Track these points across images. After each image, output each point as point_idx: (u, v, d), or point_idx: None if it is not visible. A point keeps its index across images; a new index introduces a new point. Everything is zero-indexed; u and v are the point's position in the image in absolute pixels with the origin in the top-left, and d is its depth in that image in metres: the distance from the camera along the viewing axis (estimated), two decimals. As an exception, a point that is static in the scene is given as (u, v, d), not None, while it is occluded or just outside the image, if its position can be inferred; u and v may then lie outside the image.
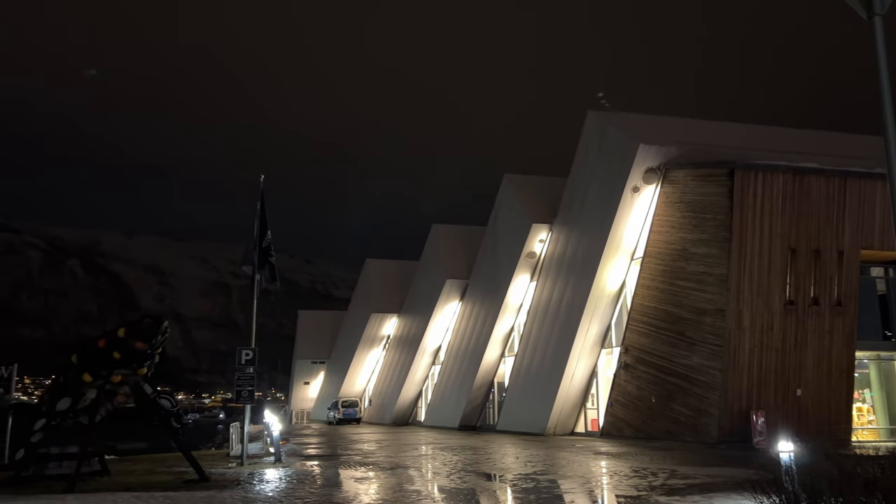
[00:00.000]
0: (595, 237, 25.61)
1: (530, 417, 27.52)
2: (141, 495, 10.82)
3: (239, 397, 17.69)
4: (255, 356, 17.74)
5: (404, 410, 43.48)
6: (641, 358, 23.01)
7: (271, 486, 12.29)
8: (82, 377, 12.96)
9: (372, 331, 50.99)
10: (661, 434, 21.37)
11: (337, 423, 46.04)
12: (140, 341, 12.86)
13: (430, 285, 41.66)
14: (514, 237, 32.14)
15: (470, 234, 39.97)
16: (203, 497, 10.68)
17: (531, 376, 28.69)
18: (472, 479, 12.97)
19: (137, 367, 13.04)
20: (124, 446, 24.10)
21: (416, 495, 11.15)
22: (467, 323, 37.00)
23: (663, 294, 22.54)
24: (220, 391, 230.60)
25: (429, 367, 42.21)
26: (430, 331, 40.82)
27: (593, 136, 27.61)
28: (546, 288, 29.55)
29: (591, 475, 13.54)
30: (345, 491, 11.89)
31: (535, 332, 29.47)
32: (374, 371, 52.64)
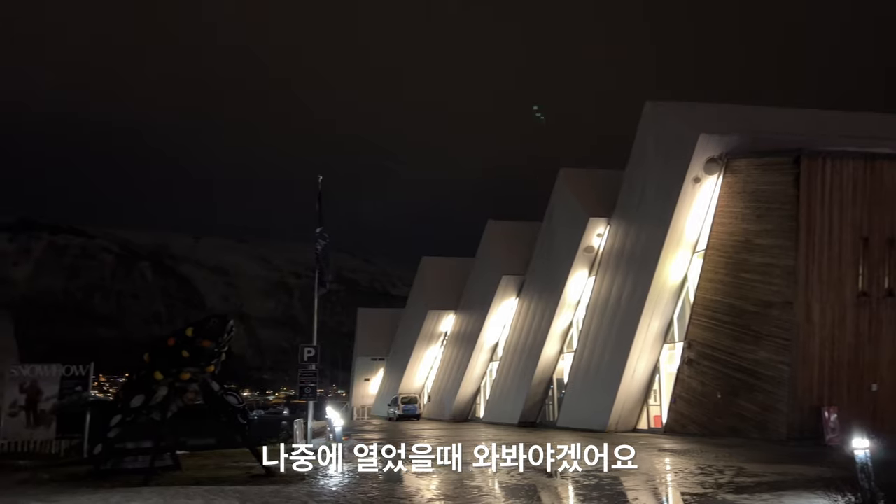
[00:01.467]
0: (655, 230, 25.11)
1: (591, 414, 27.21)
2: (212, 489, 11.19)
3: (302, 394, 18.11)
4: (317, 354, 18.12)
5: (463, 407, 43.60)
6: (705, 353, 22.46)
7: (335, 481, 12.54)
8: (154, 375, 13.49)
9: (429, 328, 51.32)
10: (726, 431, 20.82)
11: (397, 419, 46.54)
12: (206, 340, 13.32)
13: (486, 282, 41.64)
14: (570, 232, 31.81)
15: (525, 229, 39.73)
16: (270, 491, 10.98)
17: (591, 372, 28.36)
18: (533, 476, 12.93)
19: (205, 364, 13.50)
20: (194, 442, 24.94)
21: (477, 491, 11.20)
22: (524, 319, 36.83)
23: (727, 287, 21.94)
24: (283, 388, 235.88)
25: (486, 363, 42.21)
26: (487, 327, 40.81)
27: (651, 126, 27.07)
28: (605, 283, 29.15)
29: (654, 472, 13.31)
30: (406, 486, 12.04)
31: (594, 328, 29.11)
32: (432, 367, 52.98)
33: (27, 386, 18.75)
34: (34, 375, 19.00)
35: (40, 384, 18.77)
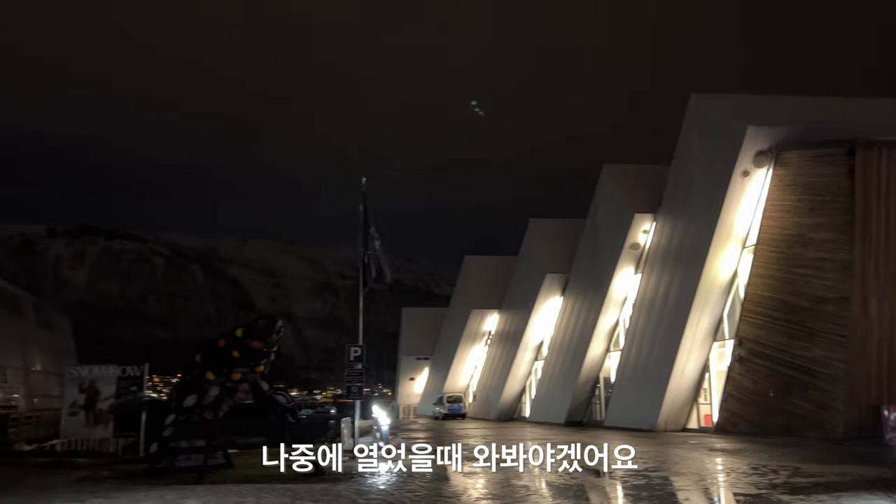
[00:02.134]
0: (703, 225, 24.63)
1: (639, 413, 26.84)
2: (263, 487, 11.41)
3: (349, 393, 18.30)
4: (363, 353, 18.29)
5: (509, 406, 43.48)
6: (757, 350, 21.93)
7: (382, 480, 12.65)
8: (206, 375, 13.80)
9: (473, 327, 51.34)
10: (780, 430, 20.28)
11: (442, 418, 46.67)
12: (256, 340, 13.55)
13: (529, 280, 41.44)
14: (615, 229, 31.42)
15: (568, 227, 39.39)
16: (320, 489, 11.13)
17: (639, 371, 27.97)
18: (581, 476, 12.82)
19: (255, 364, 13.74)
20: (244, 440, 25.45)
21: (525, 490, 11.16)
22: (569, 318, 36.53)
23: (779, 283, 21.38)
24: (330, 387, 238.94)
25: (532, 362, 42.01)
26: (532, 326, 40.61)
27: (697, 119, 26.55)
28: (652, 280, 28.71)
29: (706, 472, 13.07)
30: (453, 485, 12.07)
31: (641, 326, 28.70)
32: (476, 367, 52.99)
33: (86, 386, 19.39)
34: (92, 376, 19.63)
35: (98, 384, 19.39)
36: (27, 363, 55.94)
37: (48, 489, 11.75)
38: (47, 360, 61.64)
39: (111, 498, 10.30)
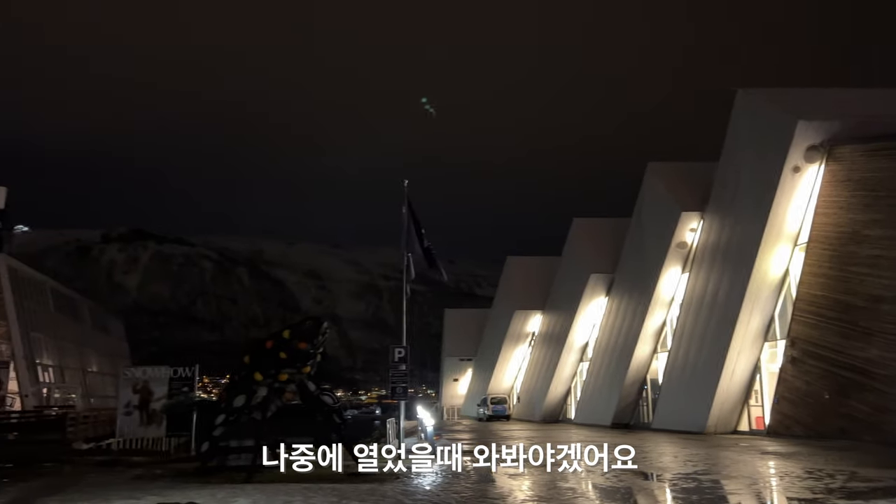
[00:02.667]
0: (752, 223, 24.05)
1: (688, 415, 26.34)
2: (310, 486, 11.56)
3: (394, 394, 18.40)
4: (408, 354, 18.37)
5: (553, 407, 43.15)
6: (810, 351, 21.30)
7: (428, 480, 12.69)
8: (254, 376, 14.05)
9: (516, 328, 51.12)
10: (835, 433, 19.66)
11: (487, 419, 46.57)
12: (302, 342, 13.73)
13: (573, 281, 41.06)
14: (661, 227, 30.91)
15: (613, 226, 38.91)
16: (366, 489, 11.23)
17: (687, 372, 27.45)
18: (629, 478, 12.65)
19: (301, 365, 13.93)
20: (292, 440, 25.82)
21: (571, 493, 11.06)
22: (615, 318, 36.06)
23: (833, 281, 20.74)
24: (374, 388, 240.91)
25: (576, 363, 41.61)
26: (576, 327, 40.23)
27: (745, 115, 25.95)
28: (700, 279, 28.16)
29: (758, 476, 12.74)
30: (499, 487, 12.03)
31: (689, 327, 28.17)
32: (520, 368, 52.73)
33: (140, 387, 19.94)
34: (146, 377, 20.19)
35: (151, 385, 19.93)
36: (84, 364, 58.02)
37: (106, 487, 12.12)
38: (103, 362, 63.86)
39: (165, 496, 10.56)
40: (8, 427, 33.42)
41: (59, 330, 52.54)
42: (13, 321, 43.97)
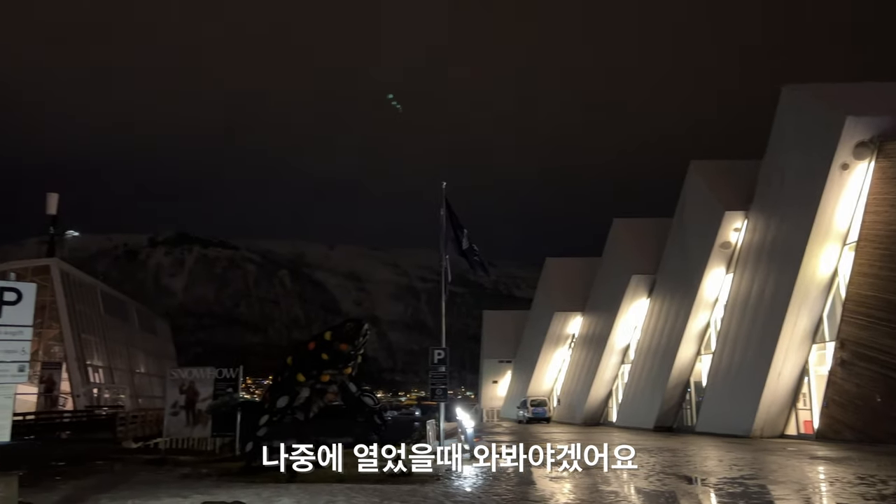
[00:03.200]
0: (799, 222, 23.46)
1: (733, 418, 25.81)
2: (353, 487, 11.68)
3: (433, 395, 18.44)
4: (447, 356, 18.40)
5: (594, 410, 42.72)
6: (861, 353, 20.66)
7: (469, 482, 12.70)
8: (297, 377, 14.26)
9: (556, 329, 50.74)
10: (888, 437, 19.02)
11: (527, 421, 46.34)
12: (343, 343, 13.89)
13: (614, 282, 40.59)
14: (704, 227, 30.37)
15: (654, 226, 38.36)
16: (408, 490, 11.30)
17: (732, 375, 26.91)
18: (673, 482, 12.46)
19: (343, 367, 14.08)
20: (333, 441, 26.08)
21: (614, 497, 10.94)
22: (657, 320, 35.55)
23: (884, 281, 20.08)
24: (414, 389, 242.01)
25: (618, 365, 41.12)
26: (617, 328, 39.75)
27: (790, 111, 25.33)
28: (744, 280, 27.58)
29: (807, 481, 12.42)
30: (540, 489, 11.97)
31: (734, 328, 27.61)
32: (560, 370, 52.33)
33: (186, 387, 20.33)
34: (191, 378, 20.57)
35: (197, 386, 20.30)
36: (132, 365, 59.60)
37: (155, 485, 12.44)
38: (150, 363, 65.50)
39: (212, 494, 10.79)
40: (61, 426, 34.58)
41: (108, 332, 54.07)
42: (65, 323, 45.42)
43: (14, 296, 8.58)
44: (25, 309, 8.67)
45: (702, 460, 16.78)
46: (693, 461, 16.52)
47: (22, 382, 8.93)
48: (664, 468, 14.68)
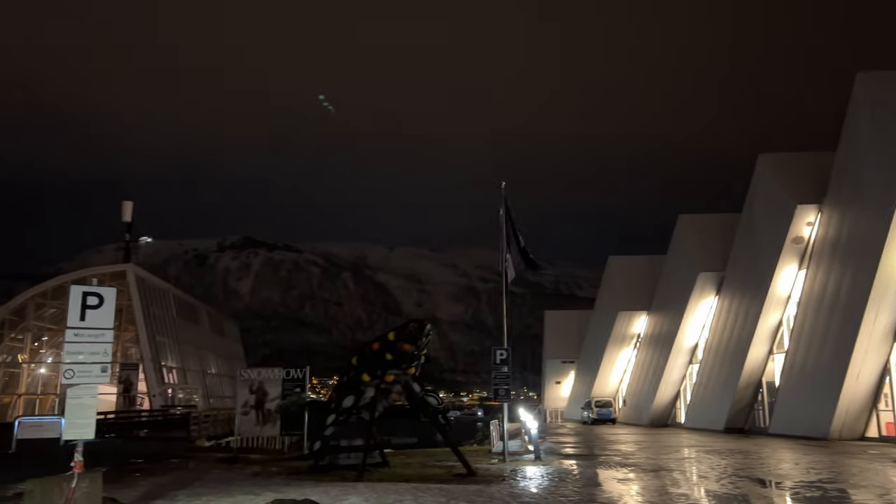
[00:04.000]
0: (877, 215, 22.37)
1: (809, 420, 24.82)
2: (419, 486, 11.76)
3: (497, 395, 18.38)
4: (509, 356, 18.32)
5: (661, 411, 41.78)
6: (949, 352, 19.55)
7: (534, 483, 12.61)
8: (362, 377, 14.45)
9: (620, 329, 49.87)
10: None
11: (591, 423, 45.71)
12: (407, 344, 13.98)
13: (680, 280, 39.62)
14: (775, 222, 29.31)
15: (721, 222, 37.23)
16: (473, 490, 11.30)
17: (807, 374, 25.88)
18: (746, 485, 12.08)
19: (406, 367, 14.18)
20: (398, 441, 26.33)
21: (684, 499, 10.67)
22: (726, 318, 34.51)
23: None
24: (476, 390, 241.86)
25: (686, 365, 40.11)
26: (685, 328, 38.77)
27: (866, 101, 24.18)
28: (819, 276, 26.49)
29: (891, 485, 11.83)
30: (607, 491, 11.78)
31: (808, 326, 26.55)
32: (626, 370, 51.42)
33: (255, 387, 20.92)
34: (260, 378, 21.16)
35: (266, 386, 20.87)
36: (204, 366, 61.62)
37: (228, 482, 12.83)
38: (220, 364, 67.58)
39: (282, 492, 11.04)
40: (139, 425, 36.05)
41: (181, 334, 56.06)
42: (141, 326, 47.33)
43: (96, 300, 9.00)
44: (106, 312, 9.08)
45: (776, 463, 16.20)
46: (767, 464, 15.97)
47: (104, 383, 9.35)
48: (736, 471, 14.24)
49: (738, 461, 16.28)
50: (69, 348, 8.83)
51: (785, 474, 13.89)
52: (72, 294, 8.98)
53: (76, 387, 8.78)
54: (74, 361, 8.78)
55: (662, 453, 19.43)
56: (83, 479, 8.46)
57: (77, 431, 8.65)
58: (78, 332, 8.84)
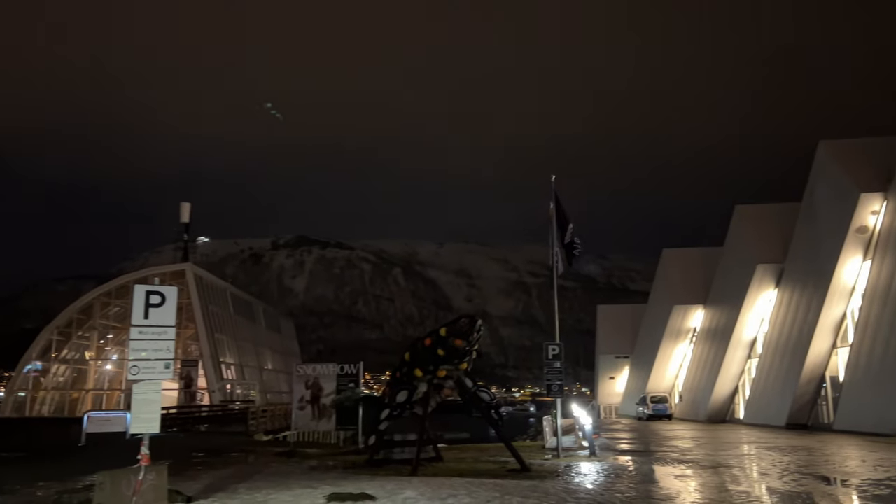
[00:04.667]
0: (948, 202, 21.34)
1: (876, 416, 23.88)
2: (473, 481, 11.78)
3: (549, 391, 18.25)
4: (562, 351, 18.17)
5: (719, 407, 40.83)
6: None
7: (589, 479, 12.50)
8: (414, 372, 14.56)
9: (676, 323, 48.92)
10: None
11: (647, 418, 45.02)
12: (458, 339, 14.00)
13: (738, 272, 38.60)
14: (838, 211, 28.28)
15: (780, 212, 36.10)
16: (528, 486, 11.25)
17: (874, 368, 24.91)
18: (809, 483, 11.71)
19: (458, 362, 14.21)
20: (451, 436, 26.44)
21: (745, 497, 10.42)
22: (787, 311, 33.48)
23: None
24: (527, 385, 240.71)
25: (744, 360, 39.10)
26: (743, 321, 37.78)
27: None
28: (885, 266, 25.45)
29: (967, 486, 11.29)
30: (664, 488, 11.59)
31: (874, 318, 25.53)
32: (681, 365, 50.44)
33: (311, 383, 21.28)
34: (316, 374, 21.51)
35: (321, 381, 21.21)
36: (260, 362, 63.02)
37: (286, 476, 13.11)
38: (276, 360, 69.01)
39: (339, 486, 11.22)
40: (199, 419, 37.16)
41: (238, 331, 57.48)
42: (200, 323, 48.71)
43: (159, 298, 9.30)
44: (169, 310, 9.38)
45: (841, 460, 15.66)
46: (832, 461, 15.45)
47: (167, 379, 9.65)
48: (799, 468, 13.82)
49: (802, 458, 15.80)
50: (134, 345, 9.13)
51: (851, 472, 13.43)
52: (135, 293, 9.29)
53: (141, 382, 9.09)
54: (139, 358, 9.08)
55: (721, 449, 19.00)
56: (149, 471, 8.77)
57: (143, 426, 8.97)
58: (142, 329, 9.14)
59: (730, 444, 21.66)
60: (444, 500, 9.57)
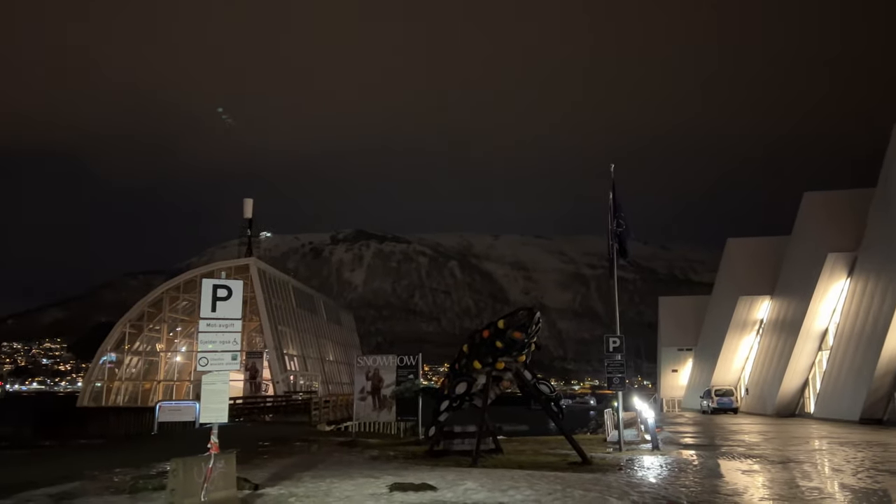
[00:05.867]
0: None
1: (959, 411, 22.69)
2: (533, 473, 11.75)
3: (611, 384, 18.01)
4: (622, 344, 17.89)
5: (788, 400, 39.51)
6: None
7: (653, 473, 12.30)
8: (473, 364, 14.59)
9: (742, 315, 47.49)
10: None
11: (711, 412, 43.95)
12: (517, 331, 13.94)
13: (807, 262, 37.19)
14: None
15: (852, 198, 34.54)
16: (590, 479, 11.14)
17: (955, 362, 23.64)
18: (886, 480, 11.23)
19: (517, 354, 14.16)
20: (509, 428, 26.43)
21: (817, 493, 10.08)
22: (860, 301, 32.10)
23: None
24: (587, 378, 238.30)
25: (814, 352, 37.69)
26: (813, 312, 36.38)
27: None
28: (968, 254, 24.10)
29: None
30: (731, 483, 11.31)
31: (956, 309, 24.22)
32: (748, 358, 48.99)
33: (371, 374, 21.60)
34: (376, 365, 21.83)
35: (381, 372, 21.50)
36: (322, 354, 64.29)
37: (349, 465, 13.36)
38: (337, 351, 70.29)
39: (400, 476, 11.36)
40: (264, 409, 38.17)
41: (300, 323, 58.73)
42: (264, 316, 49.96)
43: (225, 292, 9.59)
44: (235, 304, 9.66)
45: (922, 458, 14.94)
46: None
47: (234, 370, 9.95)
48: (875, 464, 13.26)
49: (877, 454, 15.15)
50: (203, 338, 9.44)
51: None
52: (203, 287, 9.60)
53: (210, 373, 9.39)
54: (207, 350, 9.39)
55: (790, 444, 18.40)
56: (219, 459, 9.07)
57: (212, 415, 9.27)
58: (210, 322, 9.44)
59: (799, 438, 20.95)
60: (505, 492, 9.58)
